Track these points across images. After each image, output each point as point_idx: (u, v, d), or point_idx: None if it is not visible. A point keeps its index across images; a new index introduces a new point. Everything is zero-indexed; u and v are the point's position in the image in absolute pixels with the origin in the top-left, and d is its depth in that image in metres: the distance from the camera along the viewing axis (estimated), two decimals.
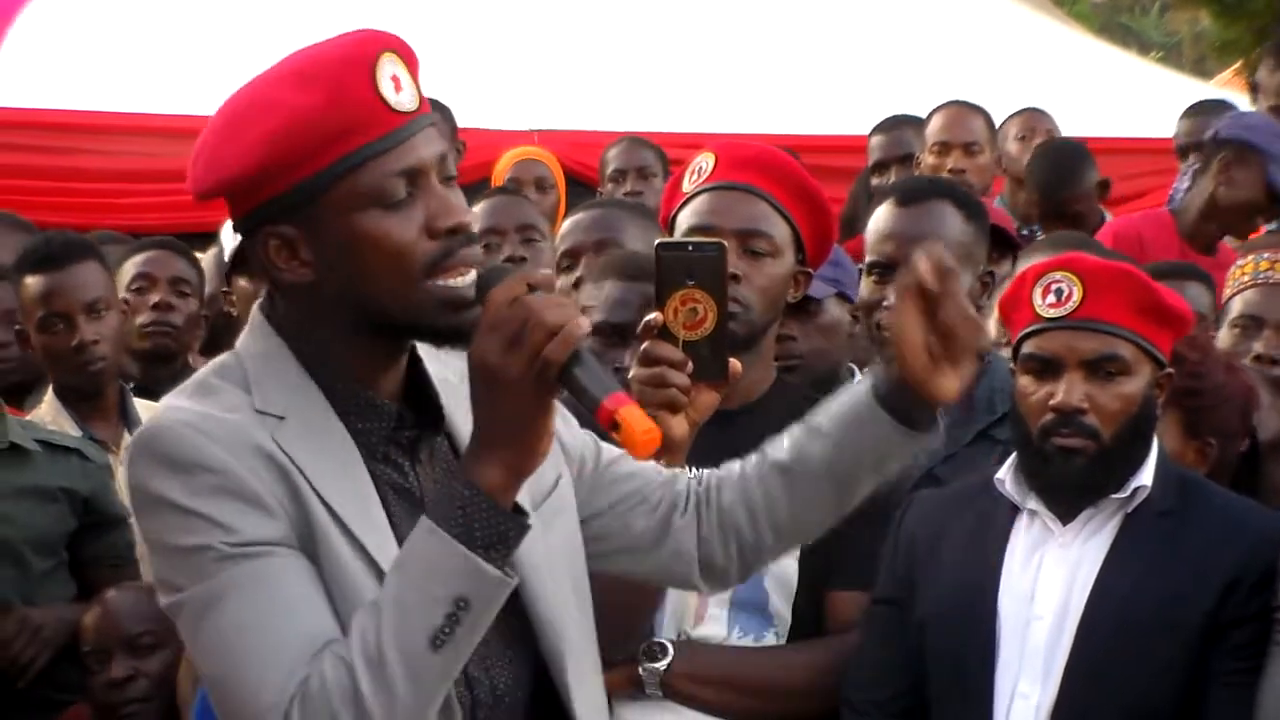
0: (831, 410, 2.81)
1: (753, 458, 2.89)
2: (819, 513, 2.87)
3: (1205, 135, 6.65)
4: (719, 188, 3.68)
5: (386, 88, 2.45)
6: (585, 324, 2.38)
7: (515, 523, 2.40)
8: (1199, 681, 3.48)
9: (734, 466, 2.89)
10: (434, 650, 2.35)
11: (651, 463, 2.85)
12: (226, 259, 5.06)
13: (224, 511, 2.41)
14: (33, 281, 4.95)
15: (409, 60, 2.50)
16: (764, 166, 3.70)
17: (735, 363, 3.07)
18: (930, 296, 2.65)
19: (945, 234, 4.05)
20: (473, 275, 2.49)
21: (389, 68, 2.46)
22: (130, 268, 5.46)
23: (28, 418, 4.87)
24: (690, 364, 3.03)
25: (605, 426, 2.39)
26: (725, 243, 3.13)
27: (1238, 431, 4.09)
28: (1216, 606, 3.49)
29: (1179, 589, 3.51)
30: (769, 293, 3.63)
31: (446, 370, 2.64)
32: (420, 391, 2.63)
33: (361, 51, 2.45)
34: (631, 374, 3.06)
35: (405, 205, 2.46)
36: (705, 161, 3.73)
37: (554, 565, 2.63)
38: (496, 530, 2.38)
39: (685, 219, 3.70)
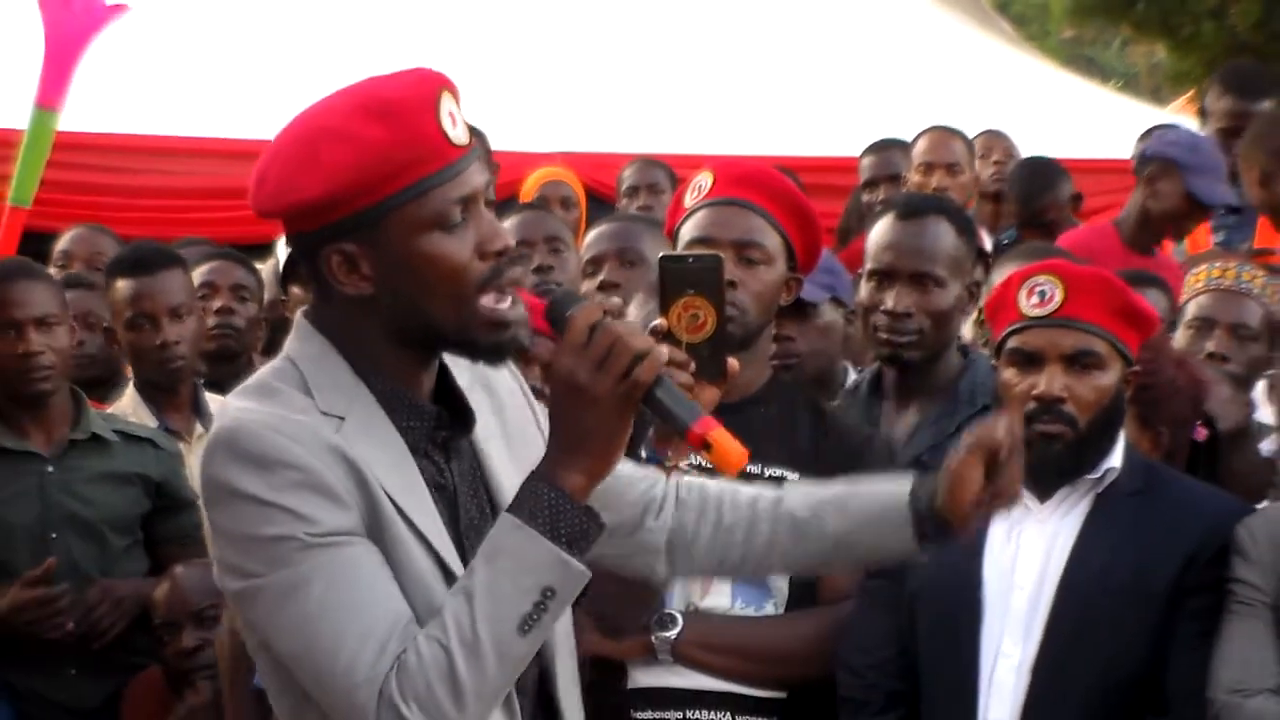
0: (863, 494, 2.81)
1: (766, 494, 2.88)
2: (801, 565, 2.90)
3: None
4: (717, 203, 3.68)
5: (446, 123, 2.45)
6: (665, 351, 2.43)
7: (595, 520, 2.43)
8: (1161, 643, 3.51)
9: (742, 492, 2.89)
10: (522, 634, 2.38)
11: (628, 461, 2.85)
12: (280, 270, 5.09)
13: (306, 504, 2.40)
14: (123, 285, 4.98)
15: (458, 96, 2.50)
16: (757, 183, 3.69)
17: (733, 362, 3.07)
18: (997, 459, 2.66)
19: (941, 247, 4.06)
20: (520, 307, 2.51)
21: (447, 105, 2.46)
22: (195, 276, 5.47)
23: (109, 410, 4.89)
24: (693, 364, 3.04)
25: (695, 447, 2.43)
26: (722, 255, 3.14)
27: (1188, 421, 4.10)
28: (1177, 577, 3.52)
29: (1145, 561, 3.53)
30: (763, 298, 3.64)
31: (462, 378, 2.64)
32: (448, 395, 2.62)
33: (425, 90, 2.45)
34: None
35: (460, 228, 2.47)
36: (704, 180, 3.73)
37: None
38: (580, 528, 2.41)
39: (687, 231, 3.70)
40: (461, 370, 2.64)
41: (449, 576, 2.47)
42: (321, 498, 2.41)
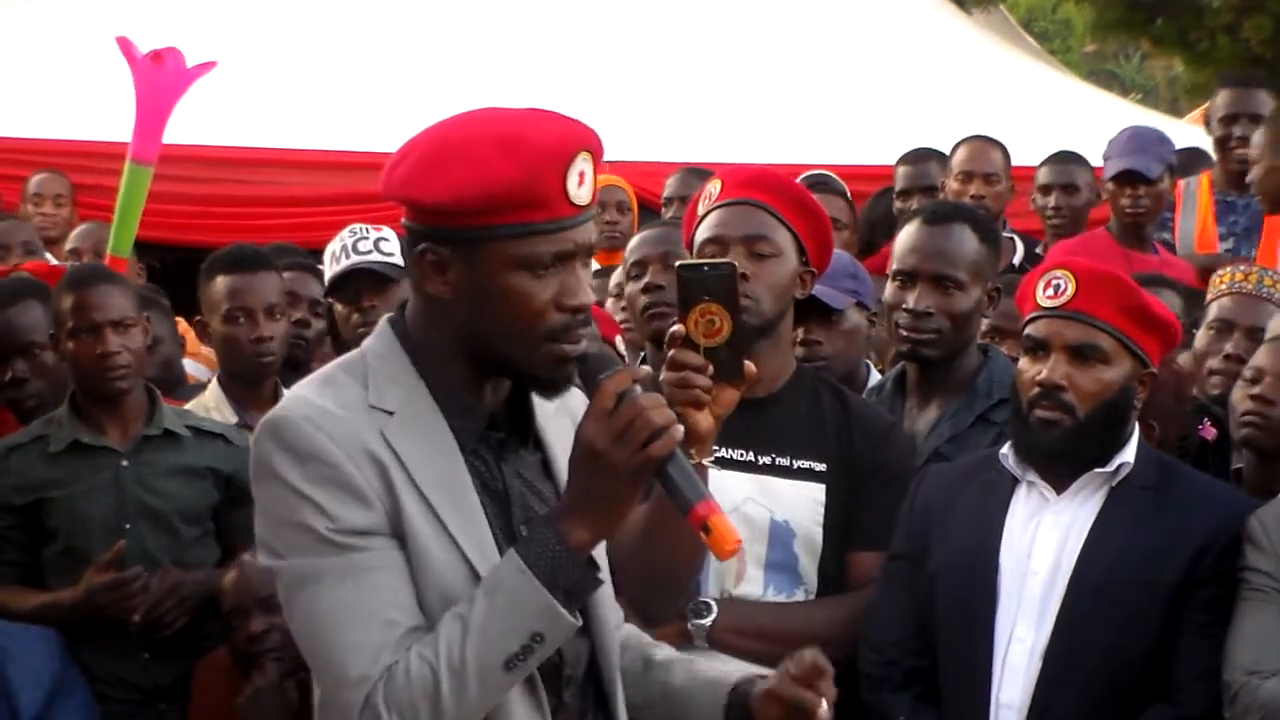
0: (699, 679, 2.74)
1: (645, 644, 2.84)
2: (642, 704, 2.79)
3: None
4: (726, 205, 3.69)
5: (573, 182, 2.44)
6: (681, 429, 2.39)
7: (593, 578, 2.43)
8: (1169, 631, 3.48)
9: (627, 630, 2.84)
10: (506, 671, 2.38)
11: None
12: (325, 285, 5.04)
13: (329, 499, 2.41)
14: (222, 281, 4.91)
15: (597, 158, 2.50)
16: (762, 184, 3.70)
17: (750, 364, 3.06)
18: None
19: (963, 252, 4.03)
20: (584, 343, 2.50)
21: (580, 165, 2.46)
22: None
23: (189, 405, 4.83)
24: (710, 367, 3.00)
25: (695, 528, 2.40)
26: (736, 263, 3.10)
27: (1175, 414, 4.10)
28: (1188, 568, 3.50)
29: (1156, 552, 3.50)
30: (775, 288, 3.63)
31: (548, 404, 2.62)
32: (519, 402, 2.60)
33: (567, 144, 2.45)
34: (661, 377, 3.05)
35: (547, 275, 2.45)
36: (714, 187, 3.75)
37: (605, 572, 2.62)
38: (578, 582, 2.41)
39: (700, 234, 3.71)
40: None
41: (474, 573, 2.45)
42: (347, 495, 2.42)
